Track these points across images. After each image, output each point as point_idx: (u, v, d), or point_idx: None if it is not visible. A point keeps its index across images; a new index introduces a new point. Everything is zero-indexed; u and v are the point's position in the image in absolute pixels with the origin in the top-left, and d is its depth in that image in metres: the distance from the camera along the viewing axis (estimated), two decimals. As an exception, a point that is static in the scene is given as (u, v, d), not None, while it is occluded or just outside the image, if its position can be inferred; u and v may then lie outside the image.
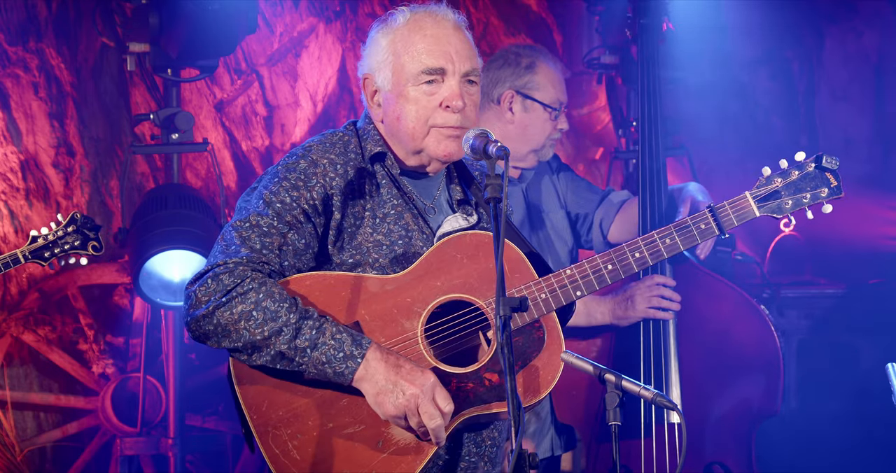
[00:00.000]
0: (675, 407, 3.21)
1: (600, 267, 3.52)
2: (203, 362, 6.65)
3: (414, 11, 3.55)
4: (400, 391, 3.35)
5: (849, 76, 7.57)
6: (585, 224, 5.25)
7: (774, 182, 3.53)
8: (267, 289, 3.36)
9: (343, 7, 7.19)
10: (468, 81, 3.52)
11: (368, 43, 3.60)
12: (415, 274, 3.47)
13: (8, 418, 6.37)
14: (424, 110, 3.49)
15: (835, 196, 3.51)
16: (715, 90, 7.05)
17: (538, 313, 3.47)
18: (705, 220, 3.56)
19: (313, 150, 3.53)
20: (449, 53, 3.49)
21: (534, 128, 5.07)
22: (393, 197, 3.56)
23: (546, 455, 5.06)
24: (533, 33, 7.55)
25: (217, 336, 3.37)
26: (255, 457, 6.60)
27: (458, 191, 3.66)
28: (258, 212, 3.45)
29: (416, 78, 3.48)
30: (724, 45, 6.73)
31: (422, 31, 3.50)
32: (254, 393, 3.41)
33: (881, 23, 7.46)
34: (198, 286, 3.39)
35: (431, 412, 3.36)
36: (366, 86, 3.60)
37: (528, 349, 3.46)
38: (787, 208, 3.53)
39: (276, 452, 3.39)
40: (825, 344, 6.71)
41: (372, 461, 3.40)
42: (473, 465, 3.57)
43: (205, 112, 6.90)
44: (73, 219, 4.62)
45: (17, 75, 6.43)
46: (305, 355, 3.34)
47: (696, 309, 5.05)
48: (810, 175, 3.52)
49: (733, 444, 5.09)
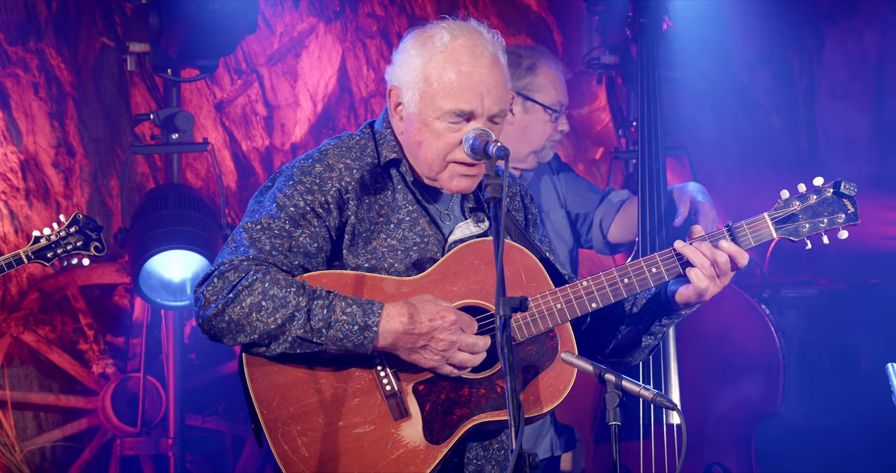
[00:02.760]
0: (676, 407, 3.21)
1: (616, 280, 3.51)
2: (203, 362, 6.65)
3: (454, 37, 3.48)
4: (433, 349, 3.38)
5: (849, 76, 7.57)
6: (585, 223, 5.25)
7: (793, 205, 3.52)
8: (272, 277, 3.36)
9: (343, 7, 7.19)
10: (493, 122, 3.50)
11: (401, 53, 3.55)
12: (431, 278, 3.48)
13: (8, 418, 6.37)
14: (446, 146, 3.48)
15: (851, 222, 3.51)
16: (715, 90, 7.05)
17: (553, 323, 3.48)
18: (723, 239, 3.50)
19: (330, 154, 3.53)
20: (481, 95, 3.45)
21: (534, 129, 5.07)
22: (408, 203, 3.56)
23: (546, 455, 5.06)
24: (533, 33, 7.55)
25: (232, 332, 3.37)
26: (255, 457, 6.60)
27: (471, 199, 3.66)
28: (270, 214, 3.45)
29: (443, 114, 3.46)
30: (724, 45, 6.73)
31: (458, 66, 3.45)
32: (265, 389, 3.42)
33: (881, 23, 7.46)
34: (205, 286, 3.39)
35: (470, 342, 3.39)
36: (391, 96, 3.57)
37: (542, 358, 3.48)
38: (804, 232, 3.52)
39: (284, 448, 3.39)
40: (825, 344, 6.71)
41: (380, 462, 3.40)
42: (480, 468, 3.57)
43: (205, 112, 6.90)
44: (75, 220, 4.62)
45: (17, 75, 6.43)
46: (322, 335, 3.35)
47: (696, 309, 5.05)
48: (828, 200, 3.52)
49: (733, 444, 5.09)
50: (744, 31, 7.11)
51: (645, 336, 3.67)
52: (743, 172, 7.32)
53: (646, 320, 3.65)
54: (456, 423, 3.44)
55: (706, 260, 3.44)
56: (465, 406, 3.44)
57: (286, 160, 7.01)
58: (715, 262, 3.44)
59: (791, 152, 7.53)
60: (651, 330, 3.66)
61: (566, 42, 7.50)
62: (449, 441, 3.43)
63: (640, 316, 3.65)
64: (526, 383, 3.45)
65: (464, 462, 3.54)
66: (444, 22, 3.53)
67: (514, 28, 7.52)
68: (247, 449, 6.62)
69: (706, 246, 3.46)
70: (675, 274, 3.50)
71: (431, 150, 3.49)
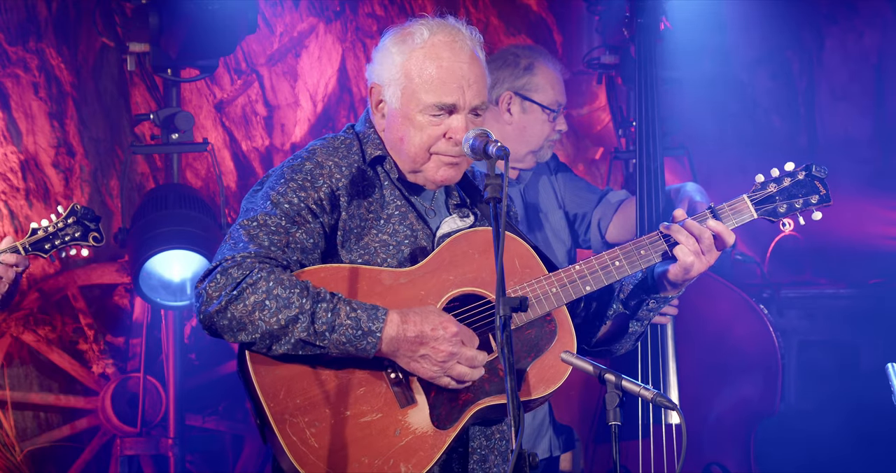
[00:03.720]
0: (676, 407, 3.23)
1: (608, 263, 3.60)
2: (203, 362, 6.65)
3: (433, 33, 3.55)
4: (432, 358, 3.41)
5: (849, 76, 7.57)
6: (583, 224, 5.25)
7: (769, 187, 3.70)
8: (276, 277, 3.37)
9: (343, 7, 7.19)
10: (475, 114, 3.56)
11: (381, 50, 3.60)
12: (428, 269, 3.52)
13: (8, 418, 6.37)
14: (429, 138, 3.53)
15: (824, 203, 3.70)
16: (715, 90, 7.05)
17: (549, 306, 3.55)
18: (706, 220, 3.62)
19: (318, 153, 3.57)
20: (462, 88, 3.51)
21: (532, 129, 5.07)
22: (396, 198, 3.61)
23: (545, 455, 5.06)
24: (533, 33, 7.55)
25: (233, 330, 3.38)
26: (255, 457, 6.60)
27: (454, 196, 3.71)
28: (266, 211, 3.47)
29: (425, 108, 3.52)
30: (724, 45, 6.73)
31: (438, 61, 3.52)
32: (270, 382, 3.42)
33: (881, 23, 7.46)
34: (207, 282, 3.39)
35: (469, 355, 3.43)
36: (372, 94, 3.62)
37: (541, 341, 3.54)
38: (782, 212, 3.69)
39: (293, 440, 3.40)
40: (825, 344, 6.71)
41: (389, 449, 3.43)
42: (484, 458, 3.61)
43: (205, 112, 6.91)
44: (73, 211, 4.60)
45: (17, 75, 6.43)
46: (325, 338, 3.36)
47: (695, 309, 5.06)
48: (801, 182, 3.70)
49: (732, 444, 5.10)
50: (744, 31, 7.11)
51: (632, 321, 3.76)
52: (743, 172, 7.31)
53: (633, 305, 3.74)
54: (462, 408, 3.49)
55: (691, 238, 3.58)
56: (470, 390, 3.48)
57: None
58: (700, 238, 3.57)
59: (791, 152, 7.52)
60: (638, 315, 3.75)
61: (566, 42, 7.50)
62: (456, 426, 3.47)
63: (628, 301, 3.73)
64: (527, 366, 3.51)
65: (468, 452, 3.58)
66: (422, 19, 3.59)
67: (514, 28, 7.52)
68: (247, 449, 6.62)
69: (691, 222, 3.61)
70: (663, 255, 3.62)
71: (415, 143, 3.54)
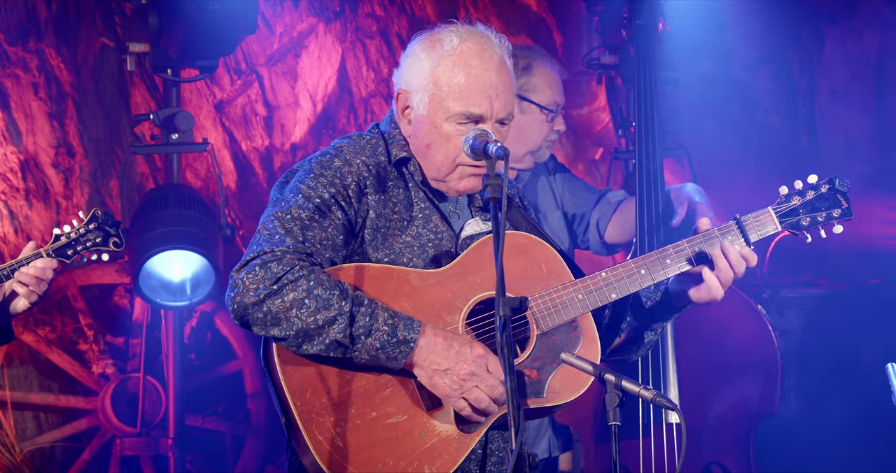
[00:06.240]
0: (675, 407, 3.23)
1: (634, 271, 3.61)
2: (203, 362, 6.65)
3: (463, 41, 3.54)
4: (454, 374, 3.41)
5: (849, 76, 7.56)
6: (582, 224, 5.25)
7: (793, 200, 3.70)
8: (316, 277, 3.37)
9: (343, 7, 7.19)
10: (500, 124, 3.57)
11: (409, 56, 3.60)
12: (455, 271, 3.54)
13: (8, 418, 6.37)
14: (455, 148, 3.53)
15: (845, 217, 3.70)
16: (715, 90, 7.05)
17: (575, 313, 3.56)
18: (732, 232, 3.65)
19: (345, 151, 3.57)
20: (490, 98, 3.52)
21: (530, 129, 5.07)
22: (420, 200, 3.62)
23: (544, 455, 5.07)
24: (533, 33, 7.55)
25: (266, 324, 3.37)
26: (255, 457, 6.60)
27: (477, 199, 3.72)
28: (298, 204, 3.46)
29: (452, 116, 3.52)
30: (724, 46, 6.73)
31: (467, 69, 3.51)
32: (298, 380, 3.43)
33: (881, 23, 7.46)
34: (245, 273, 3.37)
35: (491, 383, 3.42)
36: (399, 100, 3.62)
37: (566, 347, 3.55)
38: (805, 225, 3.70)
39: (319, 439, 3.41)
40: (825, 344, 6.71)
41: (414, 451, 3.44)
42: (502, 459, 3.63)
43: (205, 112, 6.91)
44: (94, 217, 4.63)
45: (17, 75, 6.43)
46: (359, 342, 3.37)
47: (695, 309, 5.05)
48: (824, 196, 3.70)
49: (731, 444, 5.10)
50: (744, 31, 7.11)
51: (646, 331, 3.77)
52: (743, 172, 7.31)
53: (648, 316, 3.74)
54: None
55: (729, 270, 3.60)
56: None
57: (286, 160, 7.02)
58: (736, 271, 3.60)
59: (791, 152, 7.52)
60: (652, 326, 3.76)
61: (566, 42, 7.50)
62: (480, 429, 3.49)
63: (644, 311, 3.74)
64: (551, 372, 3.52)
65: (486, 453, 3.60)
66: (451, 26, 3.59)
67: (514, 28, 7.52)
68: (247, 449, 6.63)
69: (730, 247, 3.59)
70: (688, 261, 3.62)
71: (441, 153, 3.55)
